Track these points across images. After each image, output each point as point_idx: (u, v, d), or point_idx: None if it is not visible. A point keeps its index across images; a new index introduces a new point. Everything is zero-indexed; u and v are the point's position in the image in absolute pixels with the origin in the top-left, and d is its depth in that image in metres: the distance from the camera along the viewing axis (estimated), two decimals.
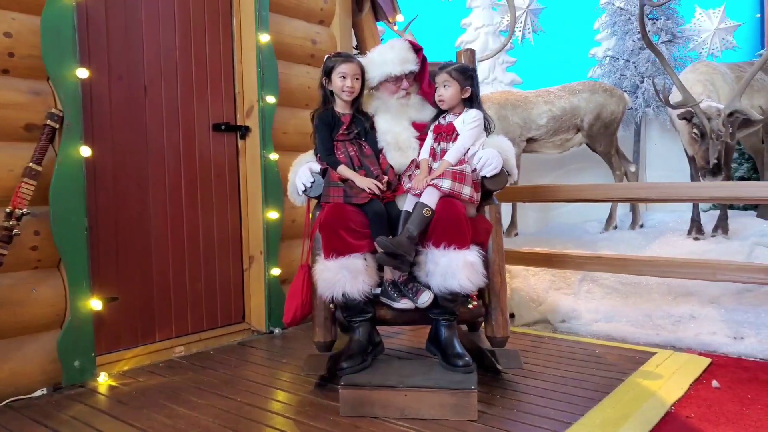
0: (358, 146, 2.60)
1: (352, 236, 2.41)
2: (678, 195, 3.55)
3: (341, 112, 2.63)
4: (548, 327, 3.68)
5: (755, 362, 2.87)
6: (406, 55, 2.65)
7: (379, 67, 2.65)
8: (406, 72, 2.65)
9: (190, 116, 3.16)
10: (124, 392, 2.54)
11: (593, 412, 2.22)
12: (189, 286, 3.15)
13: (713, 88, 4.22)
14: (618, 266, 3.52)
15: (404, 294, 2.44)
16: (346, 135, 2.60)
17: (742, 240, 4.14)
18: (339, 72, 2.57)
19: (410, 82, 2.70)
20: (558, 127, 4.87)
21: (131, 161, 2.92)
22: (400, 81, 2.67)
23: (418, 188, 2.42)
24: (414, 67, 2.66)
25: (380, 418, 2.20)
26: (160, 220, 3.02)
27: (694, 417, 2.20)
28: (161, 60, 3.03)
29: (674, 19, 5.32)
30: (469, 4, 5.88)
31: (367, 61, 2.68)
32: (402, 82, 2.67)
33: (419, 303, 2.41)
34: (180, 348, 3.09)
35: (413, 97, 2.73)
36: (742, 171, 5.19)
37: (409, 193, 2.48)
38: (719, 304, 3.48)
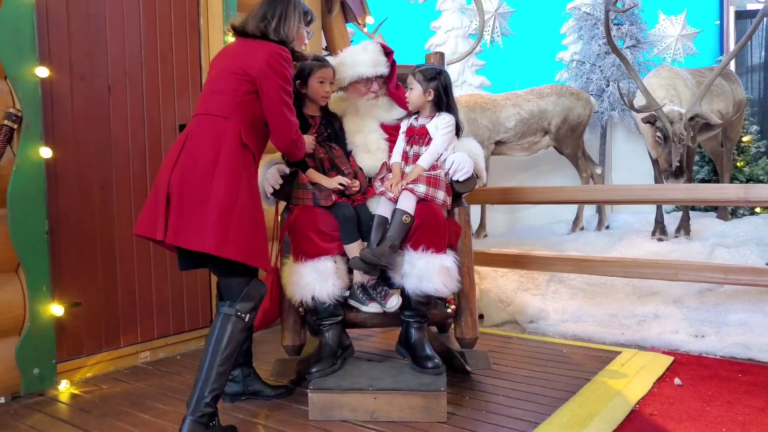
0: (328, 148, 2.59)
1: (322, 239, 2.40)
2: (642, 197, 3.63)
3: (310, 114, 2.61)
4: (516, 327, 3.72)
5: (715, 360, 2.95)
6: (378, 57, 2.65)
7: (350, 69, 2.65)
8: (377, 74, 2.65)
9: (156, 117, 3.10)
10: (86, 400, 2.48)
11: (560, 411, 2.25)
12: (155, 290, 3.09)
13: (675, 92, 4.33)
14: (584, 267, 3.58)
15: (373, 297, 2.44)
16: (315, 138, 2.57)
17: (703, 241, 4.25)
18: (318, 77, 2.55)
19: (379, 85, 2.70)
20: (526, 130, 4.93)
21: (95, 163, 2.85)
22: (370, 83, 2.67)
23: (393, 193, 2.42)
24: (385, 70, 2.67)
25: (350, 422, 2.19)
26: (125, 223, 2.96)
27: (657, 414, 2.25)
28: (126, 59, 2.97)
29: (638, 24, 5.44)
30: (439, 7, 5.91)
31: (338, 62, 2.67)
32: (372, 84, 2.67)
33: (387, 307, 2.42)
34: (146, 353, 3.02)
35: (381, 99, 2.74)
36: (703, 173, 5.33)
37: (383, 196, 2.47)
38: (682, 304, 3.56)
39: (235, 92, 2.09)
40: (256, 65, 2.09)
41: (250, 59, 2.11)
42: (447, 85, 2.58)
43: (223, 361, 2.02)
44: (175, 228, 1.98)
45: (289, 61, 2.17)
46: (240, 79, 2.10)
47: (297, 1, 2.28)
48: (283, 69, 2.12)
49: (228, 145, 2.03)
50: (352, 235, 2.42)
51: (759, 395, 2.43)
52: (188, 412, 1.98)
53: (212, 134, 2.05)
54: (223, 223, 1.96)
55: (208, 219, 1.96)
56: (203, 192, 1.98)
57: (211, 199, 1.97)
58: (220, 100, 2.10)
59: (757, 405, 2.33)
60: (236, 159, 2.03)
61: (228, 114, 2.08)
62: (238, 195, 2.00)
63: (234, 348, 2.05)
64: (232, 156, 2.02)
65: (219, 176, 1.99)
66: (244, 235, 1.99)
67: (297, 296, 2.39)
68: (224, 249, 1.96)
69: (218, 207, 1.96)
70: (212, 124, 2.08)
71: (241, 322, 2.07)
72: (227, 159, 2.01)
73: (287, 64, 2.14)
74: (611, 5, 3.99)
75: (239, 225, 1.98)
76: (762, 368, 2.79)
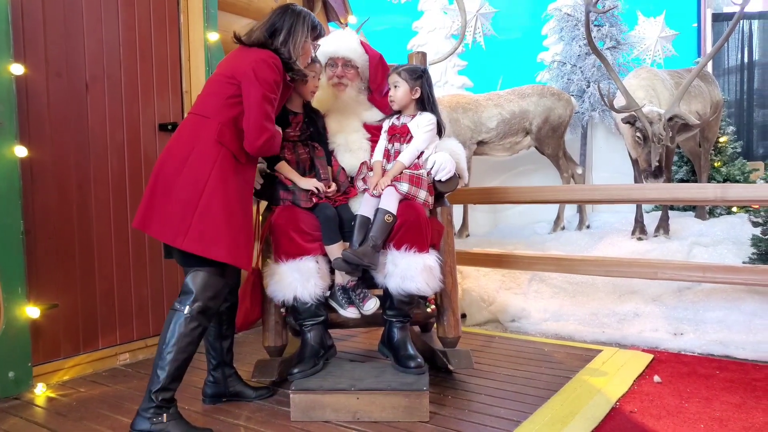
0: (311, 148, 2.56)
1: (304, 238, 2.39)
2: (622, 197, 3.67)
3: (293, 111, 2.56)
4: (499, 326, 3.74)
5: (694, 357, 2.99)
6: (347, 42, 2.66)
7: (321, 49, 2.65)
8: (339, 55, 2.65)
9: (135, 115, 3.06)
10: (63, 403, 2.44)
11: (542, 409, 2.26)
12: (134, 291, 3.05)
13: (654, 93, 4.38)
14: (565, 266, 3.61)
15: (352, 301, 2.44)
16: (298, 135, 2.54)
17: (681, 240, 4.31)
18: (310, 71, 2.47)
19: (347, 75, 2.68)
20: (507, 130, 4.95)
21: (72, 162, 2.80)
22: (336, 68, 2.67)
23: (375, 190, 2.42)
24: (351, 56, 2.67)
25: (332, 422, 2.18)
26: (104, 223, 2.91)
27: (637, 412, 2.27)
28: (104, 56, 2.92)
29: (618, 26, 5.50)
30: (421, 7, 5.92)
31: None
32: (338, 69, 2.66)
33: (365, 310, 2.42)
34: (125, 355, 2.98)
35: (359, 97, 2.73)
36: (682, 173, 5.40)
37: (366, 193, 2.47)
38: (661, 302, 3.61)
39: (220, 94, 2.14)
40: (242, 69, 2.11)
41: (239, 63, 2.14)
42: (430, 85, 2.60)
43: (164, 355, 2.04)
44: (142, 216, 2.08)
45: (276, 68, 2.15)
46: (226, 82, 2.14)
47: (307, 15, 2.29)
48: (267, 74, 2.11)
49: (202, 141, 2.09)
50: (334, 237, 2.41)
51: (736, 391, 2.47)
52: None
53: (189, 131, 2.13)
54: (182, 216, 2.02)
55: (170, 210, 2.04)
56: (170, 184, 2.06)
57: (175, 191, 2.04)
58: (206, 101, 2.17)
59: (733, 401, 2.37)
60: (207, 155, 2.07)
61: (209, 114, 2.13)
62: (203, 189, 2.04)
63: (177, 343, 2.04)
64: (203, 152, 2.07)
65: (187, 170, 2.06)
66: (204, 228, 2.02)
67: (278, 296, 2.38)
68: (180, 240, 2.02)
69: (181, 199, 2.04)
70: (193, 122, 2.15)
71: (181, 316, 2.06)
72: (198, 155, 2.07)
73: (273, 71, 2.13)
74: (592, 6, 4.02)
75: (201, 218, 2.02)
76: (739, 365, 2.84)
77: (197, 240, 2.02)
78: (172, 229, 2.03)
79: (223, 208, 2.06)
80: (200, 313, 2.08)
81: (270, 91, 2.12)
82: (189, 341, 2.06)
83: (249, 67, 2.10)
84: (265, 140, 2.12)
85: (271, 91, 2.12)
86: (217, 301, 2.14)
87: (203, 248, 2.03)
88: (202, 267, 2.09)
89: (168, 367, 2.04)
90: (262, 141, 2.11)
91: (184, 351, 2.06)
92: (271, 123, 2.15)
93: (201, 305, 2.08)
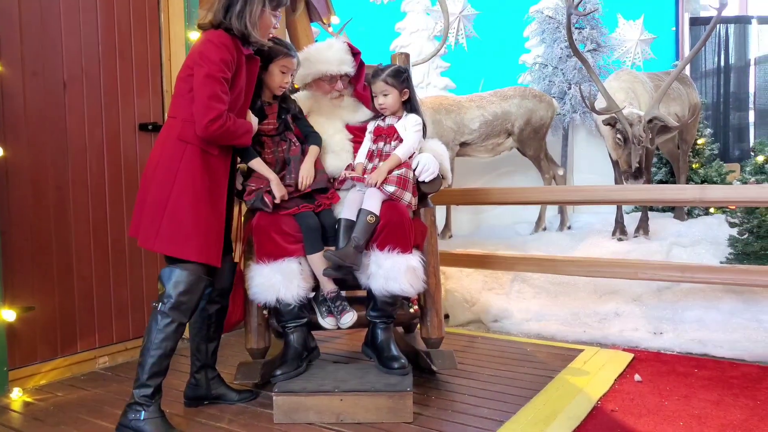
0: (288, 144, 2.45)
1: (286, 240, 2.37)
2: (603, 197, 3.71)
3: (267, 101, 2.45)
4: (481, 327, 3.75)
5: (673, 356, 3.03)
6: (344, 56, 2.63)
7: (315, 65, 2.62)
8: (342, 73, 2.63)
9: (115, 115, 3.02)
10: (40, 408, 2.39)
11: (525, 409, 2.27)
12: (114, 293, 3.00)
13: (634, 95, 4.43)
14: (547, 267, 3.64)
15: (331, 311, 2.42)
16: (275, 128, 2.43)
17: (661, 240, 4.37)
18: (282, 65, 2.38)
19: (345, 84, 2.68)
20: (490, 132, 4.97)
21: (50, 163, 2.75)
22: (335, 81, 2.65)
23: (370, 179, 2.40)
24: (350, 70, 2.64)
25: (315, 424, 2.17)
26: (82, 224, 2.87)
27: (618, 410, 2.29)
28: (82, 55, 2.88)
29: (599, 29, 5.55)
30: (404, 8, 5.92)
31: (304, 58, 2.63)
32: (337, 82, 2.65)
33: (342, 323, 2.41)
34: (104, 359, 2.94)
35: (347, 99, 2.72)
36: (661, 175, 5.47)
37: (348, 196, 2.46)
38: (641, 302, 3.65)
39: (183, 91, 2.13)
40: (192, 57, 2.10)
41: (191, 52, 2.13)
42: (411, 83, 2.60)
43: (143, 352, 2.09)
44: (132, 225, 2.17)
45: (223, 45, 2.06)
46: (185, 76, 2.12)
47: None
48: (210, 54, 2.04)
49: (169, 142, 2.11)
50: (316, 245, 2.38)
51: (713, 389, 2.51)
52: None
53: (162, 134, 2.17)
54: (153, 218, 2.06)
55: (145, 214, 2.09)
56: (146, 190, 2.12)
57: (149, 195, 2.10)
58: (174, 101, 2.18)
59: (711, 398, 2.40)
60: (172, 155, 2.09)
61: (176, 113, 2.14)
62: (171, 190, 2.06)
63: (152, 339, 2.07)
64: (170, 153, 2.10)
65: (158, 173, 2.09)
66: (174, 229, 2.05)
67: (260, 298, 2.36)
68: (152, 243, 2.07)
69: (152, 202, 2.08)
70: (165, 125, 2.20)
71: (155, 313, 2.09)
72: (164, 157, 2.10)
73: (218, 49, 2.05)
74: (573, 9, 4.06)
75: (170, 219, 2.05)
76: (716, 363, 2.88)
77: (168, 241, 2.05)
78: (146, 232, 2.08)
79: (191, 207, 2.06)
80: (173, 309, 2.08)
81: (216, 70, 2.02)
82: (163, 337, 2.07)
83: (196, 52, 2.08)
84: (212, 119, 2.01)
85: (217, 70, 2.03)
86: (192, 296, 2.12)
87: (175, 249, 2.06)
88: (174, 263, 2.10)
89: (145, 364, 2.07)
90: (208, 120, 2.01)
91: (159, 347, 2.07)
92: (221, 103, 2.03)
93: (173, 301, 2.08)
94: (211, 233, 2.11)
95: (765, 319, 3.27)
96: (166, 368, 2.11)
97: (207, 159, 2.11)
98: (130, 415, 2.05)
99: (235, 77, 2.12)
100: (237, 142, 2.18)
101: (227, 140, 2.13)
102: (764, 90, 6.55)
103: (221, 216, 2.18)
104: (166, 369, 2.12)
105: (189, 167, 2.08)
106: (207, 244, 2.09)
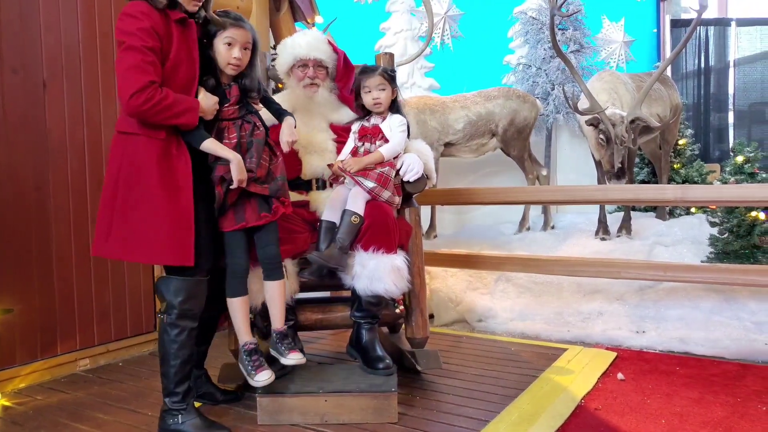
0: (252, 126, 2.12)
1: None
2: (586, 197, 3.73)
3: (226, 83, 2.13)
4: (466, 326, 3.76)
5: (655, 354, 3.06)
6: (318, 43, 2.63)
7: (288, 50, 2.63)
8: (311, 57, 2.62)
9: (96, 115, 2.98)
10: (18, 412, 2.35)
11: (510, 408, 2.28)
12: (95, 295, 2.96)
13: (617, 96, 4.47)
14: (531, 266, 3.66)
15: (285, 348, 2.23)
16: (237, 111, 2.12)
17: (643, 240, 4.41)
18: (225, 37, 2.05)
19: (319, 76, 2.65)
20: (474, 132, 4.99)
21: (29, 163, 2.71)
22: (307, 69, 2.63)
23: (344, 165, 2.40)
24: (322, 56, 2.63)
25: (300, 425, 2.16)
26: (63, 225, 2.82)
27: (602, 409, 2.31)
28: (62, 53, 2.84)
29: (582, 30, 5.59)
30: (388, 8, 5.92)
31: (280, 47, 2.65)
32: (309, 70, 2.63)
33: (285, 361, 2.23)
34: (85, 361, 2.90)
35: (331, 97, 2.70)
36: (643, 175, 5.52)
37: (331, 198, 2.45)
38: (624, 301, 3.68)
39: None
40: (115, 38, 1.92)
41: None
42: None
43: (162, 363, 2.06)
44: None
45: (139, 13, 1.86)
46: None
47: None
48: (126, 25, 1.84)
49: (112, 144, 2.00)
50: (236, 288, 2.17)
51: (695, 387, 2.54)
52: None
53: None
54: (101, 221, 1.95)
55: (98, 220, 1.98)
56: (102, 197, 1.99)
57: (101, 200, 1.99)
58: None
59: (693, 396, 2.43)
60: (114, 153, 1.97)
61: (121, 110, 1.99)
62: (117, 188, 1.92)
63: (168, 350, 2.04)
64: (111, 152, 1.99)
65: (106, 176, 1.98)
66: (125, 230, 1.89)
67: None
68: (102, 249, 1.95)
69: (101, 206, 1.96)
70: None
71: (164, 325, 2.04)
72: (110, 157, 1.99)
73: (133, 18, 1.85)
74: (556, 10, 4.09)
75: (120, 220, 1.90)
76: (698, 361, 2.91)
77: (120, 245, 1.90)
78: (97, 238, 1.95)
79: (142, 204, 1.87)
80: (180, 318, 2.04)
81: (135, 41, 1.83)
82: (178, 347, 2.04)
83: (116, 30, 1.89)
84: (136, 92, 1.79)
85: (136, 40, 1.82)
86: (195, 301, 2.05)
87: (127, 253, 1.94)
88: (169, 273, 2.04)
89: (168, 374, 2.05)
90: (130, 94, 1.79)
91: (177, 356, 2.04)
92: (144, 74, 1.81)
93: (177, 311, 2.03)
94: (177, 230, 1.89)
95: (745, 318, 3.31)
96: (190, 371, 2.11)
97: (154, 147, 1.89)
98: (169, 420, 2.06)
99: (167, 46, 1.90)
100: (178, 121, 1.89)
101: (162, 118, 1.86)
102: (743, 91, 6.64)
103: (187, 209, 1.93)
104: (191, 372, 2.12)
105: (131, 160, 1.89)
106: (168, 243, 1.88)
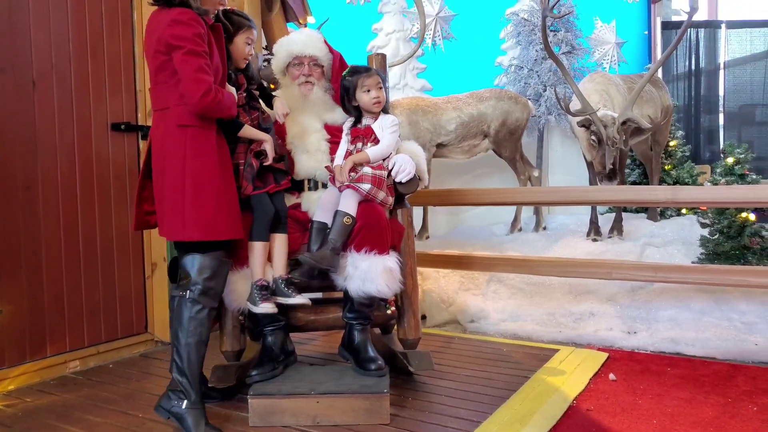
0: (258, 112, 2.44)
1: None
2: (578, 198, 3.74)
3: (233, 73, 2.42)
4: (458, 327, 3.76)
5: (646, 354, 3.07)
6: (314, 41, 2.65)
7: (284, 47, 2.65)
8: (306, 53, 2.62)
9: (86, 114, 2.96)
10: (7, 414, 2.33)
11: (501, 409, 2.28)
12: (85, 296, 2.94)
13: (608, 97, 4.49)
14: (523, 267, 3.66)
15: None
16: (243, 99, 2.40)
17: (634, 241, 4.43)
18: (247, 37, 2.37)
19: (314, 74, 2.65)
20: (466, 133, 4.99)
21: (18, 162, 2.68)
22: (302, 67, 2.64)
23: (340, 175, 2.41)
24: (317, 53, 2.65)
25: (291, 427, 2.15)
26: (52, 225, 2.80)
27: (594, 409, 2.31)
28: (52, 52, 2.81)
29: (573, 31, 5.61)
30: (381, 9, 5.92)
31: (277, 46, 2.67)
32: (304, 68, 2.63)
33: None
34: (75, 363, 2.87)
35: (326, 97, 2.70)
36: (634, 176, 5.55)
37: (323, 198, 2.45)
38: (615, 302, 3.69)
39: (162, 79, 2.09)
40: (162, 41, 2.04)
41: (156, 37, 2.06)
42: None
43: (175, 341, 2.09)
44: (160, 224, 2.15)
45: (192, 20, 2.03)
46: (159, 64, 2.08)
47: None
48: (183, 32, 2.01)
49: (168, 133, 2.08)
50: (263, 233, 2.34)
51: (686, 387, 2.55)
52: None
53: (158, 132, 2.12)
54: (174, 211, 2.05)
55: (166, 211, 2.08)
56: (160, 189, 2.10)
57: (166, 190, 2.07)
58: (156, 91, 2.13)
59: (684, 396, 2.44)
60: (175, 144, 2.07)
61: (164, 104, 2.10)
62: (185, 178, 2.04)
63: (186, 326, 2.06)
64: (171, 143, 2.08)
65: (166, 168, 2.07)
66: (198, 214, 2.04)
67: (235, 306, 2.34)
68: (180, 233, 2.06)
69: (170, 196, 2.06)
70: (155, 120, 2.15)
71: (184, 300, 2.08)
72: (169, 148, 2.07)
73: (188, 25, 2.02)
74: (548, 12, 4.10)
75: (192, 205, 2.04)
76: (689, 361, 2.93)
77: (196, 227, 2.04)
78: (172, 226, 2.07)
79: (207, 188, 2.06)
80: (202, 295, 2.08)
81: (194, 46, 2.01)
82: (197, 324, 2.07)
83: (168, 36, 2.02)
84: (205, 92, 2.00)
85: (195, 45, 2.02)
86: (218, 280, 2.14)
87: (203, 233, 2.05)
88: (195, 251, 2.09)
89: (182, 352, 2.06)
90: (201, 93, 2.00)
91: (194, 334, 2.07)
92: (208, 75, 2.03)
93: (201, 287, 2.08)
94: (233, 209, 2.13)
95: (735, 318, 3.33)
96: (203, 356, 2.12)
97: (209, 137, 2.11)
98: (173, 401, 2.06)
99: (210, 49, 2.11)
100: (227, 113, 2.15)
101: (219, 112, 2.10)
102: (734, 93, 6.70)
103: (235, 190, 2.19)
104: (203, 357, 2.13)
105: (195, 150, 2.07)
106: (231, 220, 2.11)
